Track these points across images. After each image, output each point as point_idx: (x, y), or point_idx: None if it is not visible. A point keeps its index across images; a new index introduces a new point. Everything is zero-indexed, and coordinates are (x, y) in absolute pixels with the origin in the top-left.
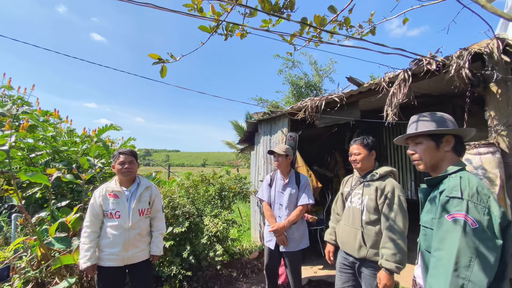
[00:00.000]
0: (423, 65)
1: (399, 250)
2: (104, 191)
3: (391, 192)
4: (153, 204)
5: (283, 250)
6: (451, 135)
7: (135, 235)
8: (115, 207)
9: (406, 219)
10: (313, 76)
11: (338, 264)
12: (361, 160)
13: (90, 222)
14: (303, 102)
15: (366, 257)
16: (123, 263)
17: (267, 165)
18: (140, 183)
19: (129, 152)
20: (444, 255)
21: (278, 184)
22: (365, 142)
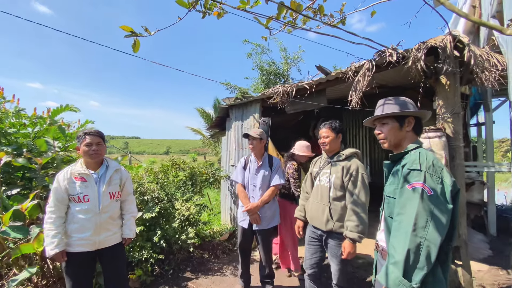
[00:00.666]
0: (385, 56)
1: (362, 222)
2: (69, 174)
3: (355, 170)
4: (123, 187)
5: (256, 228)
6: (412, 117)
7: (106, 219)
8: (83, 190)
9: (367, 195)
10: (282, 64)
11: (307, 238)
12: (329, 143)
13: (55, 207)
14: (275, 89)
15: (333, 230)
16: (94, 247)
17: (238, 150)
18: (109, 166)
19: (96, 132)
20: (404, 219)
21: (252, 166)
22: (333, 125)
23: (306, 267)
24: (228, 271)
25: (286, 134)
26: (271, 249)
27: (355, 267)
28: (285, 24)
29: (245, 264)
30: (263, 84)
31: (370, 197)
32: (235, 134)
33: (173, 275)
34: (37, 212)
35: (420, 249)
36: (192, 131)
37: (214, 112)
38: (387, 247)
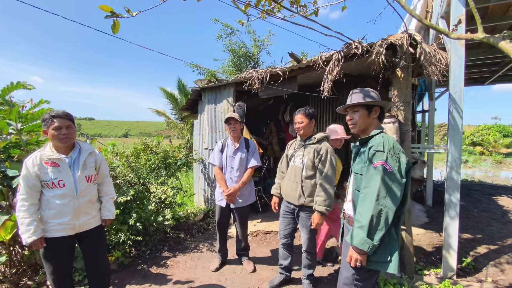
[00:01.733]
0: (352, 48)
1: (329, 196)
2: (39, 159)
3: (325, 152)
4: (99, 169)
5: (233, 207)
6: (378, 106)
7: (85, 202)
8: (57, 175)
9: (334, 174)
10: (252, 46)
11: (281, 212)
12: (303, 127)
13: (27, 194)
14: (249, 73)
15: (304, 204)
16: (74, 232)
17: (212, 133)
18: (81, 149)
19: (65, 115)
20: (369, 191)
21: (229, 149)
22: (307, 112)
23: (280, 237)
24: (204, 248)
25: (257, 118)
26: (247, 225)
27: None
28: (262, 12)
29: (222, 239)
30: (233, 66)
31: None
32: (208, 117)
33: (150, 255)
34: (0, 199)
35: (381, 214)
36: (156, 113)
37: (179, 93)
38: (354, 215)
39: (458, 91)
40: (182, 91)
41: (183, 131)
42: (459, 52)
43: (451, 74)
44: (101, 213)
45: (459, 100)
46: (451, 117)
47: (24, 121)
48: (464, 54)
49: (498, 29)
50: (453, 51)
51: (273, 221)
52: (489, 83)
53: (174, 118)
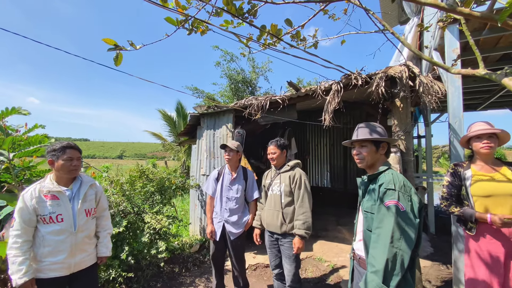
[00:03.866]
0: (351, 79)
1: (306, 220)
2: (38, 192)
3: (299, 178)
4: (99, 203)
5: (232, 238)
6: (386, 142)
7: (83, 238)
8: (56, 209)
9: (310, 198)
10: (250, 73)
11: (266, 243)
12: (276, 158)
13: (22, 230)
14: (248, 100)
15: (287, 231)
16: (69, 271)
17: (210, 159)
18: (83, 181)
19: (76, 147)
20: (382, 232)
21: (226, 178)
22: (279, 143)
23: (272, 268)
24: (201, 284)
25: (254, 141)
26: (243, 259)
27: (321, 270)
28: (263, 45)
29: (219, 275)
30: (231, 91)
31: (329, 200)
32: (206, 142)
33: None
34: None
35: (396, 258)
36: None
37: (177, 116)
38: (366, 257)
39: (457, 121)
40: (181, 114)
41: (179, 153)
42: (456, 83)
43: (449, 105)
44: (98, 249)
45: (459, 129)
46: (453, 147)
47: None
48: (461, 84)
49: (488, 60)
50: (450, 82)
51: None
52: (481, 109)
53: (171, 140)
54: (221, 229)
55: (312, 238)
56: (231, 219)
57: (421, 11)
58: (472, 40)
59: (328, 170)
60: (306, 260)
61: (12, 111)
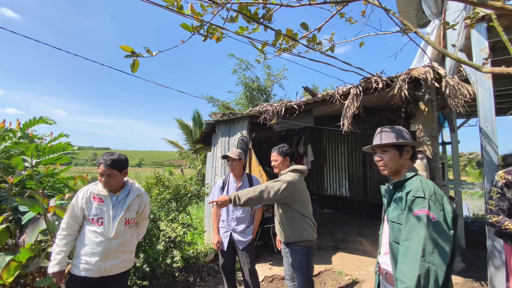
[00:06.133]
0: (371, 82)
1: (248, 193)
2: (89, 193)
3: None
4: (141, 213)
5: (240, 247)
6: (410, 146)
7: (116, 246)
8: (99, 213)
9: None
10: (265, 80)
11: (282, 252)
12: (278, 165)
13: (67, 224)
14: (263, 106)
15: (288, 241)
16: (98, 274)
17: (225, 166)
18: (131, 190)
19: (108, 164)
20: (412, 244)
21: (231, 187)
22: (281, 150)
23: (286, 279)
24: None
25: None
26: (255, 268)
27: (342, 284)
28: (279, 50)
29: (231, 285)
30: (246, 99)
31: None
32: (221, 150)
33: None
34: (6, 237)
35: (429, 274)
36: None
37: (193, 124)
38: (394, 272)
39: (489, 125)
40: (197, 122)
41: (195, 161)
42: (486, 84)
43: (480, 108)
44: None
45: (491, 134)
46: (485, 153)
47: (41, 154)
48: (492, 86)
49: None
50: (480, 84)
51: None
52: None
53: (187, 148)
54: (228, 238)
55: (331, 250)
56: (238, 228)
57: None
58: (506, 37)
59: (347, 179)
60: (325, 273)
61: (39, 120)
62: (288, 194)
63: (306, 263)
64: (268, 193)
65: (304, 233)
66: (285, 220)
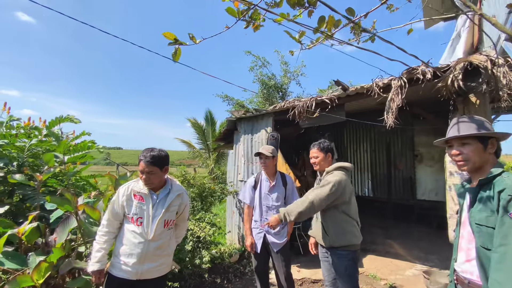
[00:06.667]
0: (415, 73)
1: (296, 208)
2: (130, 190)
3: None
4: (181, 214)
5: (275, 250)
6: (495, 139)
7: (154, 249)
8: (138, 212)
9: (320, 194)
10: (281, 77)
11: (320, 256)
12: (319, 162)
13: (108, 221)
14: (289, 102)
15: (331, 245)
16: (135, 277)
17: (247, 164)
18: (171, 189)
19: (148, 160)
20: (510, 250)
21: (264, 186)
22: (322, 146)
23: (326, 284)
24: None
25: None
26: (291, 272)
27: None
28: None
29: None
30: (263, 97)
31: (371, 211)
32: (244, 148)
33: None
34: (36, 237)
35: None
36: (182, 142)
37: (205, 124)
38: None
39: None
40: (209, 122)
41: (208, 160)
42: None
43: None
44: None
45: None
46: None
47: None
48: None
49: None
50: None
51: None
52: None
53: (199, 147)
54: (261, 240)
55: (361, 252)
56: (273, 230)
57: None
58: None
59: (369, 178)
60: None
61: (65, 118)
62: (338, 196)
63: (353, 268)
64: (318, 201)
65: (351, 237)
66: (331, 224)
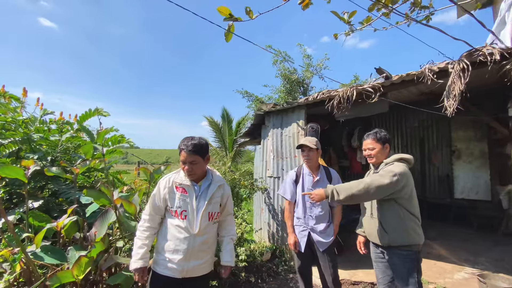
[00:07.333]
0: (478, 55)
1: (351, 187)
2: (171, 182)
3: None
4: (225, 207)
5: (321, 249)
6: None
7: (200, 244)
8: (182, 205)
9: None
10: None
11: (372, 256)
12: (375, 155)
13: (149, 215)
14: (323, 93)
15: (390, 244)
16: (181, 275)
17: (277, 160)
18: (213, 179)
19: (191, 149)
20: None
21: (306, 180)
22: (378, 136)
23: (380, 287)
24: None
25: None
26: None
27: None
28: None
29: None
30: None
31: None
32: (273, 142)
33: None
34: (74, 231)
35: None
36: None
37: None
38: None
39: None
40: (225, 120)
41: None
42: None
43: None
44: (221, 257)
45: None
46: None
47: None
48: None
49: None
50: None
51: (359, 267)
52: None
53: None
54: (306, 238)
55: None
56: (318, 228)
57: None
58: None
59: None
60: None
61: (95, 112)
62: (400, 189)
63: (417, 270)
64: (376, 188)
65: (414, 236)
66: (391, 220)
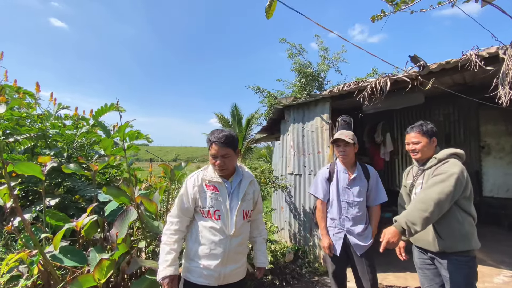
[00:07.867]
0: None
1: (413, 213)
2: (200, 179)
3: (444, 168)
4: (256, 204)
5: (358, 253)
6: None
7: (236, 245)
8: (214, 204)
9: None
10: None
11: (416, 262)
12: (420, 150)
13: (177, 217)
14: (350, 84)
15: (445, 250)
16: (217, 283)
17: (298, 156)
18: (244, 175)
19: (223, 141)
20: None
21: (341, 178)
22: (425, 129)
23: None
24: None
25: None
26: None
27: None
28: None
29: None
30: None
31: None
32: (293, 138)
33: None
34: (94, 231)
35: None
36: None
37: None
38: None
39: None
40: (235, 117)
41: None
42: None
43: None
44: (255, 258)
45: None
46: None
47: None
48: None
49: None
50: None
51: (389, 270)
52: None
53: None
54: (341, 241)
55: None
56: (356, 230)
57: None
58: None
59: None
60: None
61: (111, 107)
62: (463, 190)
63: (474, 278)
64: (444, 200)
65: (472, 241)
66: (448, 225)
